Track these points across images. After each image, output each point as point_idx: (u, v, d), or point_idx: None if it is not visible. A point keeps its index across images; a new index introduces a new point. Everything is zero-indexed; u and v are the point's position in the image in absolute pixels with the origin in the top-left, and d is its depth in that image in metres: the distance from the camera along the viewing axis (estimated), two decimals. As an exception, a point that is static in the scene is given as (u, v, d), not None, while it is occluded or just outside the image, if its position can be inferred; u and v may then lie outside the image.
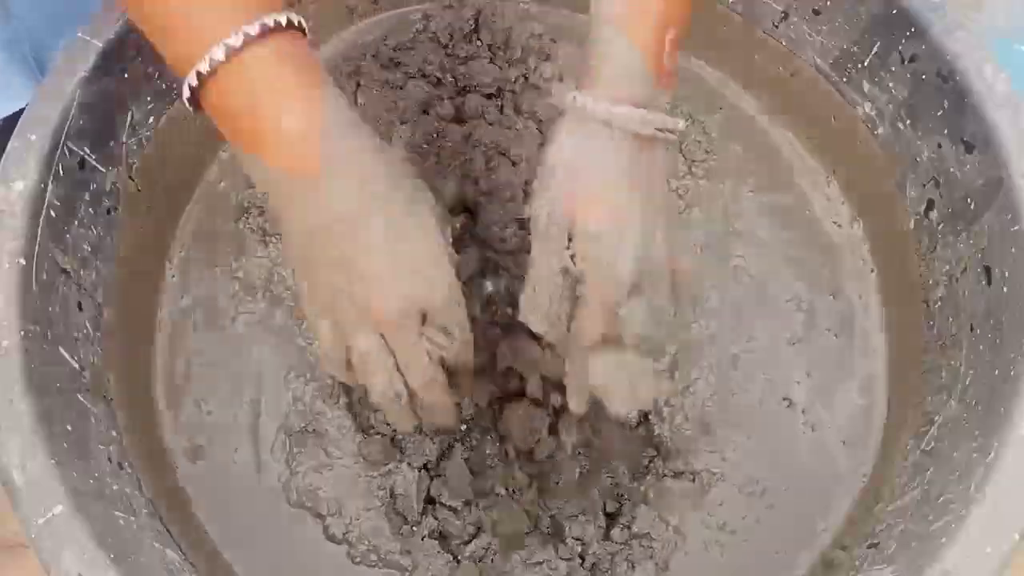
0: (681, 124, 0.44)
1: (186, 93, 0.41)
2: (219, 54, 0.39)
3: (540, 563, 0.56)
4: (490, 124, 0.65)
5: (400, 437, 0.60)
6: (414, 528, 0.57)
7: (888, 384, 0.61)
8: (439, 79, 0.65)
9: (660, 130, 0.43)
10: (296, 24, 0.41)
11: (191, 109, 0.42)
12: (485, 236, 0.63)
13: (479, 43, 0.66)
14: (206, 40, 0.39)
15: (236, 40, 0.39)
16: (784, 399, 0.62)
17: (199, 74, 0.40)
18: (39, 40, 0.60)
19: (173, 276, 0.64)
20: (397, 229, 0.43)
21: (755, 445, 0.61)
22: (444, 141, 0.63)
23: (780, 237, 0.67)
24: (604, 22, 0.43)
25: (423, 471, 0.59)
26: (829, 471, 0.60)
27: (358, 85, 0.64)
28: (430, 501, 0.60)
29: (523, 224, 0.64)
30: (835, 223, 0.67)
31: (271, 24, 0.40)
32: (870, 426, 0.61)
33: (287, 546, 0.57)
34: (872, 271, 0.65)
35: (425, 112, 0.64)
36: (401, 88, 0.63)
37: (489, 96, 0.66)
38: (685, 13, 0.43)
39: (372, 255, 0.43)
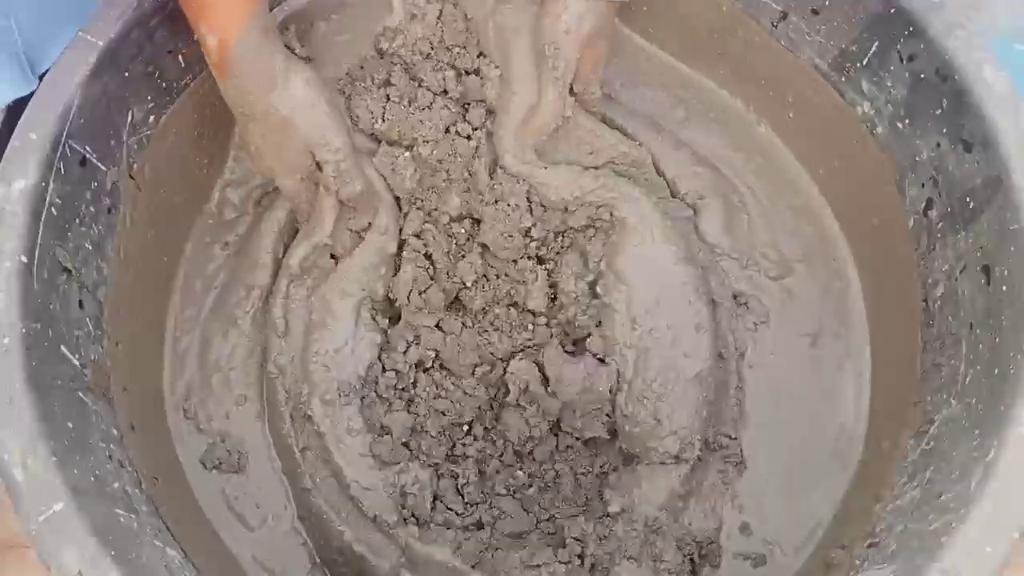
0: None
1: None
2: None
3: (539, 565, 0.56)
4: (490, 135, 0.65)
5: (409, 439, 0.60)
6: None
7: (888, 384, 0.61)
8: (446, 90, 0.65)
9: None
10: None
11: None
12: (488, 243, 0.63)
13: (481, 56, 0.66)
14: None
15: None
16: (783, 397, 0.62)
17: None
18: (31, 38, 0.60)
19: (174, 275, 0.64)
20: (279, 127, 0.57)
21: (755, 440, 0.61)
22: (456, 155, 0.64)
23: (777, 236, 0.67)
24: None
25: (433, 470, 0.59)
26: (827, 469, 0.60)
27: (388, 99, 0.64)
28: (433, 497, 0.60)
29: (526, 232, 0.64)
30: (834, 223, 0.67)
31: None
32: (869, 426, 0.61)
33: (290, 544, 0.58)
34: (872, 271, 0.65)
35: (447, 131, 0.64)
36: (428, 109, 0.63)
37: (490, 112, 0.66)
38: None
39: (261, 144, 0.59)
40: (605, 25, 0.61)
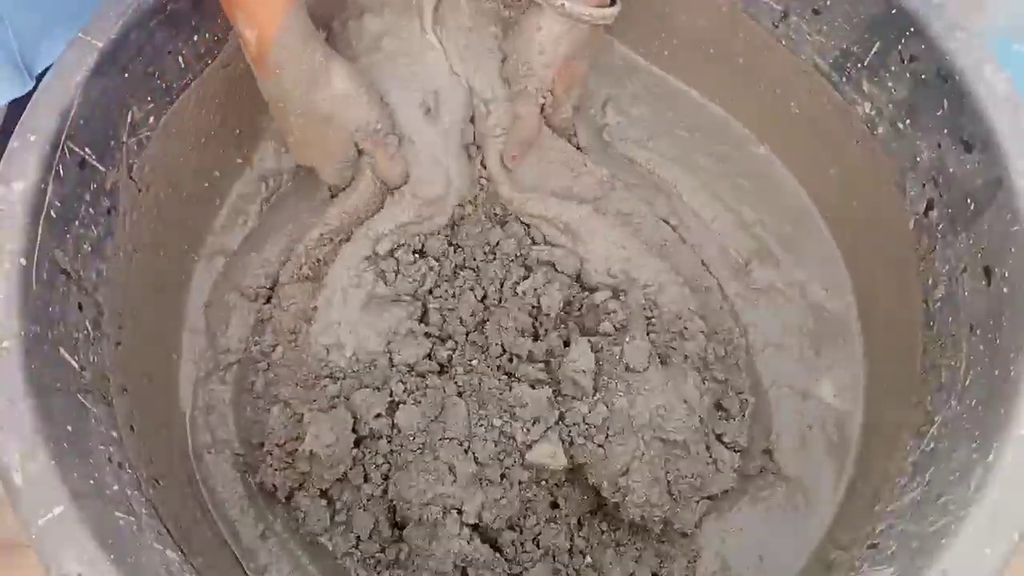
0: (609, 11, 0.57)
1: None
2: None
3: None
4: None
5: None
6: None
7: (888, 384, 0.61)
8: None
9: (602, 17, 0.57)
10: None
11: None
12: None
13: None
14: None
15: None
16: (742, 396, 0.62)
17: None
18: (26, 39, 0.60)
19: (174, 277, 0.64)
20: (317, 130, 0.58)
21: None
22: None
23: (779, 237, 0.67)
24: None
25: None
26: (826, 471, 0.60)
27: None
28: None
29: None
30: (834, 223, 0.67)
31: None
32: (869, 426, 0.61)
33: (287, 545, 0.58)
34: (870, 271, 0.65)
35: None
36: None
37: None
38: None
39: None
40: (584, 47, 0.60)
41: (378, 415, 0.57)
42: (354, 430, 0.56)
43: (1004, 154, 0.50)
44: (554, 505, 0.58)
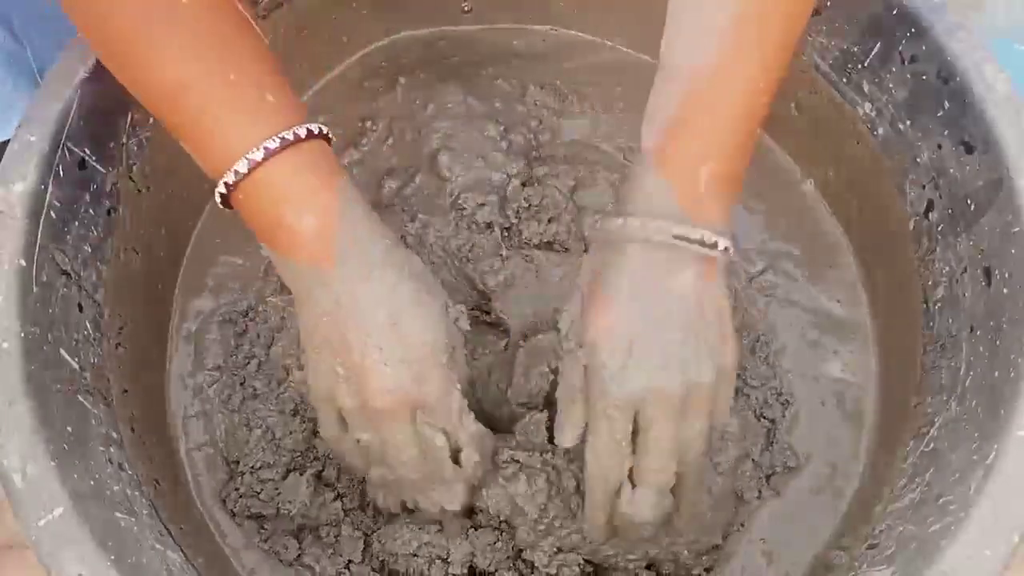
0: (715, 240, 0.42)
1: (217, 198, 0.45)
2: (243, 167, 0.42)
3: None
4: None
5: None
6: None
7: (887, 385, 0.61)
8: None
9: (679, 238, 0.41)
10: (318, 132, 0.44)
11: (224, 208, 0.46)
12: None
13: None
14: (232, 154, 0.42)
15: (257, 155, 0.42)
16: (782, 399, 0.62)
17: (226, 184, 0.43)
18: (46, 61, 0.60)
19: (172, 279, 0.64)
20: (398, 321, 0.45)
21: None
22: None
23: (778, 238, 0.67)
24: (641, 152, 0.44)
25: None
26: (827, 471, 0.60)
27: None
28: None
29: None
30: (834, 224, 0.67)
31: (291, 138, 0.43)
32: (869, 427, 0.61)
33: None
34: (872, 272, 0.65)
35: None
36: None
37: None
38: (726, 146, 0.42)
39: (369, 343, 0.44)
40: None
41: None
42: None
43: (1004, 154, 0.50)
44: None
